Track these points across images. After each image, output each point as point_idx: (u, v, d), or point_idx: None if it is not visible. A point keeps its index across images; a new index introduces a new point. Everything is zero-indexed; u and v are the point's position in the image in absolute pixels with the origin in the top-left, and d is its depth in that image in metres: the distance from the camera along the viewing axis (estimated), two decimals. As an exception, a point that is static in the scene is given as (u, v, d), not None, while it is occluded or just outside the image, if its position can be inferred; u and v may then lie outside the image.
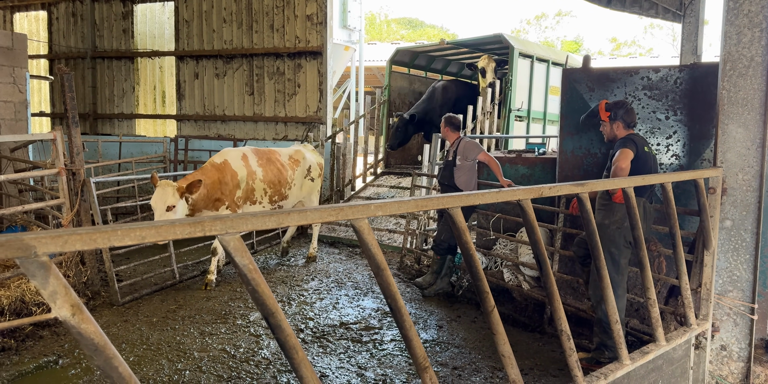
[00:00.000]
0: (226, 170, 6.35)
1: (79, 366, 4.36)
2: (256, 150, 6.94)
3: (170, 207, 5.62)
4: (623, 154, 4.26)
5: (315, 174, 7.72)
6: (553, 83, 12.36)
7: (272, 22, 11.86)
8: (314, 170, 7.71)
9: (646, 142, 4.45)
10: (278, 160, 7.08)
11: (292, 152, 7.54)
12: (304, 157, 7.58)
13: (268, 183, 6.81)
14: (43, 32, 14.44)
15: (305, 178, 7.53)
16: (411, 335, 2.10)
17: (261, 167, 6.73)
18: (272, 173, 6.86)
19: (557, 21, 44.61)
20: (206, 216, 1.57)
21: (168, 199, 5.61)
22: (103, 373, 1.36)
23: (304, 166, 7.51)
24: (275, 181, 6.89)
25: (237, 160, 6.55)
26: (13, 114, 8.84)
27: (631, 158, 4.23)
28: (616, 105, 4.52)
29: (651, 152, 4.41)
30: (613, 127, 4.51)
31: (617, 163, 4.24)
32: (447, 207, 2.22)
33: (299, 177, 7.38)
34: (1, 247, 1.19)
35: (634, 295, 4.83)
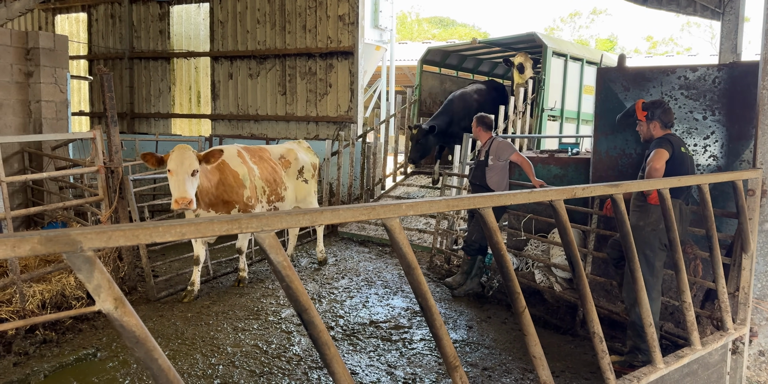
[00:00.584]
0: (225, 170, 5.83)
1: (116, 359, 4.48)
2: (246, 147, 6.45)
3: (195, 171, 5.17)
4: (658, 154, 4.19)
5: (308, 175, 7.11)
6: (587, 82, 12.18)
7: (305, 22, 11.96)
8: (307, 171, 7.10)
9: (683, 143, 4.38)
10: (270, 159, 6.59)
11: (283, 151, 6.94)
12: (296, 157, 6.97)
13: (266, 181, 6.35)
14: (83, 33, 14.83)
15: (297, 179, 6.93)
16: (441, 334, 2.11)
17: (256, 164, 6.27)
18: (267, 171, 6.39)
19: (592, 19, 43.98)
20: (243, 214, 1.60)
21: (192, 162, 5.14)
22: (144, 365, 1.41)
23: (295, 167, 6.92)
24: (271, 179, 6.41)
25: (234, 158, 6.05)
26: (55, 113, 9.10)
27: (666, 159, 4.17)
28: (654, 104, 4.45)
29: (688, 153, 4.33)
30: (649, 126, 4.44)
31: (651, 163, 4.18)
32: (478, 207, 2.22)
33: (291, 178, 6.84)
34: (50, 241, 1.25)
35: (669, 298, 4.75)
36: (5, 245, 1.19)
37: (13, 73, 8.66)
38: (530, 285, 5.87)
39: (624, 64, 5.33)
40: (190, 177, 5.11)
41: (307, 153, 7.32)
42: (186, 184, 5.05)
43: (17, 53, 8.67)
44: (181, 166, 5.09)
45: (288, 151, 6.97)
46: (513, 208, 6.36)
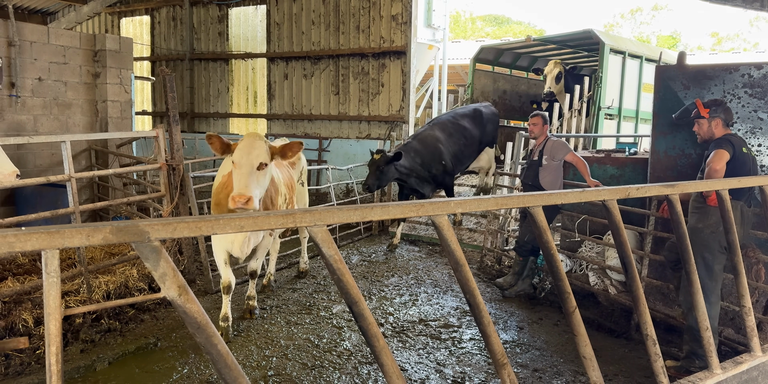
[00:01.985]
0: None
1: (175, 348, 4.67)
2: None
3: (263, 165, 4.35)
4: (718, 155, 4.06)
5: (304, 177, 6.53)
6: (646, 80, 11.83)
7: (358, 23, 12.08)
8: (304, 172, 6.53)
9: (745, 143, 4.22)
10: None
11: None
12: (299, 157, 6.32)
13: (287, 187, 5.51)
14: (146, 36, 15.42)
15: (298, 181, 6.22)
16: (489, 331, 2.13)
17: (278, 167, 5.30)
18: (286, 175, 5.54)
19: (653, 15, 42.54)
20: (297, 209, 1.67)
21: (261, 154, 4.33)
22: (204, 350, 1.49)
23: (299, 168, 6.28)
24: (289, 184, 5.61)
25: None
26: (120, 112, 9.53)
27: (727, 159, 4.03)
28: (715, 102, 4.34)
29: (750, 154, 4.18)
30: (711, 124, 4.31)
31: (711, 164, 4.05)
32: (528, 205, 2.23)
33: (298, 181, 6.21)
34: (120, 231, 1.34)
35: (729, 303, 4.59)
36: (81, 234, 1.29)
37: (81, 74, 9.12)
38: (584, 287, 5.77)
39: (684, 62, 5.17)
40: (256, 171, 4.31)
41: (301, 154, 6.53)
42: (249, 178, 4.25)
43: (86, 55, 9.12)
44: (247, 157, 4.29)
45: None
46: (567, 209, 6.26)
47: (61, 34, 8.84)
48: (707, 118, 4.32)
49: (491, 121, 9.24)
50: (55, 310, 1.26)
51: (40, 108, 8.60)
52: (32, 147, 8.43)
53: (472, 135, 8.83)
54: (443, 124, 8.67)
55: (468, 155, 8.86)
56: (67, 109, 8.93)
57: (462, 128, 8.74)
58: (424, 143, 8.25)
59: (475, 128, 8.91)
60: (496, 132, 9.42)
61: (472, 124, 8.88)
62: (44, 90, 8.61)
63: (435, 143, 8.29)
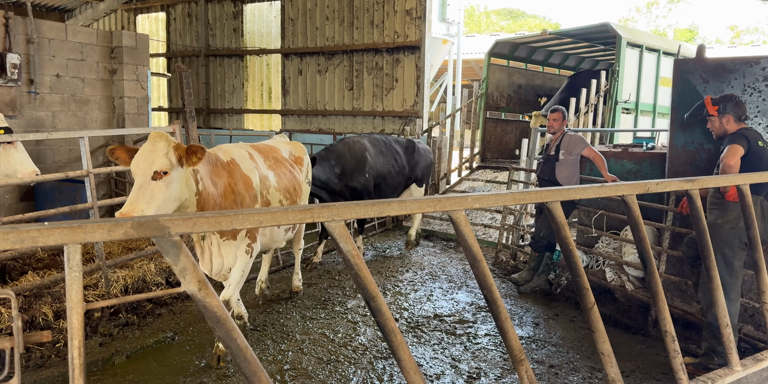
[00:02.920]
0: (235, 173, 4.24)
1: (192, 342, 4.72)
2: (256, 147, 4.86)
3: (159, 173, 3.46)
4: (731, 150, 4.03)
5: (310, 176, 5.64)
6: (663, 74, 11.70)
7: (372, 18, 12.06)
8: (309, 170, 5.62)
9: (761, 136, 4.18)
10: (284, 159, 5.07)
11: (290, 146, 5.41)
12: (305, 152, 5.55)
13: (285, 192, 4.83)
14: (161, 32, 15.52)
15: (305, 181, 5.39)
16: (506, 327, 2.12)
17: (271, 170, 4.72)
18: (286, 178, 4.86)
19: (669, 9, 42.01)
20: (315, 205, 1.66)
21: (158, 160, 3.47)
22: (224, 344, 1.50)
23: (304, 165, 5.44)
24: (291, 188, 4.89)
25: (246, 160, 4.45)
26: (136, 108, 9.61)
27: (741, 154, 4.00)
28: (724, 98, 4.31)
29: (766, 146, 4.13)
30: (722, 121, 4.26)
31: (725, 160, 4.03)
32: (546, 201, 2.21)
33: (304, 181, 5.33)
34: (141, 226, 1.35)
35: (749, 299, 4.53)
36: (102, 229, 1.30)
37: (98, 70, 9.20)
38: (601, 283, 5.73)
39: (703, 55, 5.10)
40: (152, 182, 3.44)
41: (303, 149, 5.64)
42: (140, 191, 3.42)
43: (103, 52, 9.20)
44: (138, 165, 3.48)
45: (295, 145, 5.51)
46: (583, 205, 6.21)
47: (78, 31, 8.92)
48: (717, 116, 4.27)
49: (424, 157, 8.17)
50: (77, 304, 1.28)
51: (58, 104, 8.69)
52: (51, 143, 8.53)
53: (402, 164, 7.73)
54: (375, 139, 7.59)
55: (393, 185, 7.58)
56: (85, 106, 9.02)
57: (394, 151, 7.66)
58: (350, 149, 7.05)
59: (405, 159, 7.82)
60: (427, 170, 8.34)
61: (404, 154, 7.83)
62: (62, 86, 8.70)
63: (362, 152, 7.11)
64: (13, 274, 5.82)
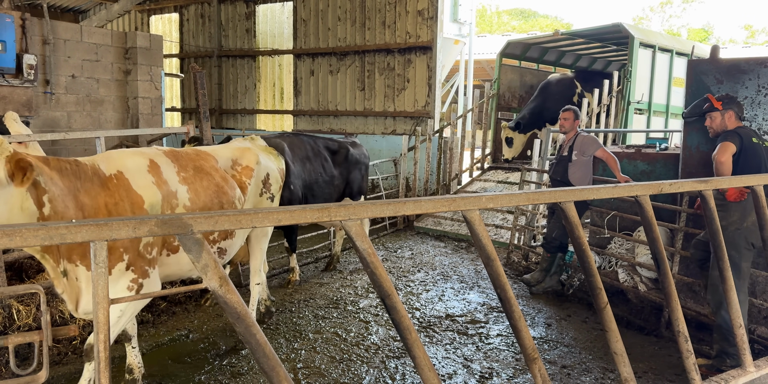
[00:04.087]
0: (118, 191, 3.39)
1: (207, 340, 4.77)
2: (173, 152, 3.92)
3: None
4: (723, 147, 4.16)
5: (275, 188, 4.69)
6: (677, 74, 11.63)
7: (384, 18, 12.09)
8: (275, 182, 4.67)
9: (756, 134, 4.31)
10: (215, 169, 4.08)
11: (237, 153, 4.43)
12: (258, 160, 4.49)
13: (203, 210, 3.89)
14: (175, 33, 15.64)
15: (262, 195, 4.55)
16: (520, 326, 2.14)
17: (185, 183, 3.77)
18: (207, 193, 3.89)
19: (683, 8, 41.72)
20: (332, 204, 1.69)
21: None
22: (243, 339, 1.53)
23: (258, 176, 4.48)
24: (214, 204, 3.94)
25: (141, 173, 3.56)
26: (150, 109, 9.71)
27: (733, 151, 4.12)
28: (727, 96, 4.44)
29: (763, 143, 4.17)
30: (725, 117, 4.37)
31: (716, 156, 4.16)
32: (560, 201, 2.23)
33: (253, 195, 4.43)
34: (165, 224, 1.38)
35: (763, 301, 4.51)
36: (128, 226, 1.34)
37: (113, 71, 9.31)
38: (613, 284, 5.72)
39: (717, 56, 5.08)
40: None
41: (268, 154, 4.81)
42: None
43: (117, 53, 9.31)
44: None
45: (244, 152, 4.48)
46: (596, 205, 6.20)
47: (93, 32, 9.03)
48: (721, 111, 4.33)
49: (358, 165, 6.89)
50: (103, 299, 1.31)
51: (73, 104, 8.80)
52: (66, 143, 8.64)
53: (331, 173, 6.47)
54: (300, 140, 6.29)
55: (322, 198, 6.34)
56: (100, 106, 9.13)
57: (323, 157, 6.42)
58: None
59: (336, 167, 6.57)
60: (362, 182, 7.03)
61: (333, 161, 6.55)
62: (77, 87, 8.81)
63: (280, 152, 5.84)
64: (30, 272, 5.90)
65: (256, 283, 5.00)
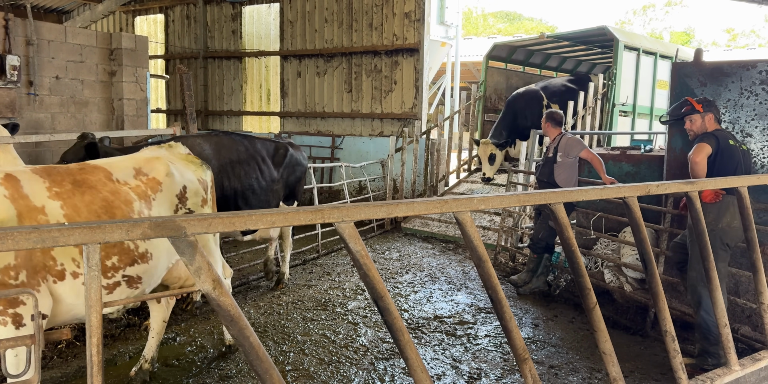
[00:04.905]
0: None
1: (194, 344, 4.74)
2: (45, 169, 3.38)
3: None
4: (698, 148, 4.23)
5: (195, 202, 3.97)
6: (660, 77, 11.77)
7: (371, 20, 12.10)
8: (193, 195, 3.96)
9: (733, 136, 4.39)
10: (103, 183, 3.46)
11: (141, 164, 3.77)
12: (169, 171, 3.81)
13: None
14: (160, 34, 15.52)
15: (177, 211, 3.84)
16: (511, 326, 2.15)
17: (59, 198, 3.24)
18: (91, 208, 3.31)
19: (666, 11, 42.16)
20: (325, 205, 1.70)
21: None
22: (236, 342, 1.53)
23: (171, 189, 3.80)
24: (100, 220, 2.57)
25: None
26: (135, 110, 9.62)
27: (708, 152, 4.22)
28: (706, 100, 4.51)
29: (740, 146, 4.29)
30: (705, 119, 4.45)
31: (691, 157, 4.27)
32: (549, 202, 2.25)
33: (165, 210, 3.75)
34: (158, 226, 1.38)
35: (747, 300, 4.58)
36: (121, 229, 1.33)
37: (98, 72, 9.22)
38: (599, 284, 5.77)
39: (701, 59, 5.15)
40: None
41: (189, 163, 4.11)
42: None
43: (102, 54, 9.22)
44: None
45: (150, 162, 3.82)
46: (582, 206, 6.25)
47: (77, 32, 8.94)
48: (701, 113, 4.40)
49: (298, 167, 6.21)
50: (96, 303, 1.31)
51: (57, 106, 8.71)
52: (50, 145, 8.54)
53: (271, 176, 5.77)
54: (231, 140, 5.58)
55: (257, 205, 5.61)
56: (84, 107, 9.04)
57: (259, 158, 5.70)
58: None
59: (276, 170, 5.89)
60: (298, 186, 6.32)
61: (273, 162, 5.88)
62: (61, 88, 8.71)
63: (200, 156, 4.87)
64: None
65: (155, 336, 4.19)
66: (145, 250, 3.50)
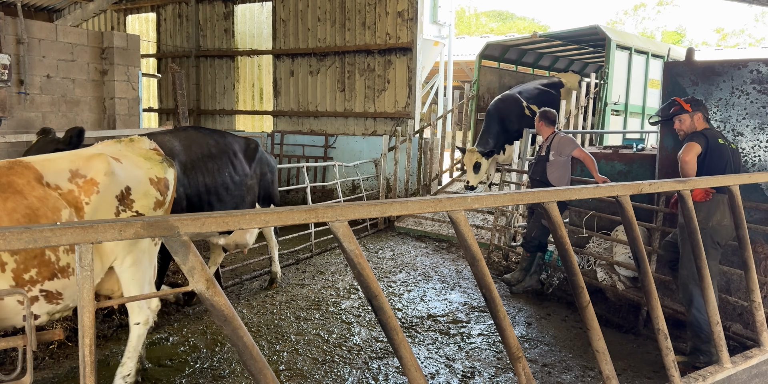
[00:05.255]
0: None
1: (187, 344, 4.72)
2: None
3: None
4: (688, 147, 4.25)
5: (143, 205, 3.56)
6: (652, 76, 11.83)
7: (364, 19, 12.09)
8: (143, 196, 3.57)
9: (721, 135, 4.42)
10: (31, 187, 3.09)
11: (79, 163, 3.35)
12: (108, 170, 3.36)
13: None
14: (152, 33, 15.45)
15: (119, 215, 3.45)
16: (505, 325, 2.16)
17: None
18: (11, 218, 2.95)
19: (658, 11, 42.35)
20: (319, 204, 1.69)
21: None
22: (230, 342, 1.52)
23: (110, 190, 3.37)
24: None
25: None
26: (127, 109, 9.57)
27: (698, 152, 4.22)
28: (694, 99, 4.53)
29: (729, 145, 4.34)
30: (694, 118, 4.46)
31: (681, 156, 4.30)
32: (543, 201, 2.25)
33: (103, 215, 3.35)
34: (151, 226, 1.37)
35: (738, 298, 4.61)
36: (113, 229, 1.33)
37: (89, 71, 9.16)
38: (592, 283, 5.79)
39: (693, 58, 5.18)
40: None
41: (141, 162, 3.70)
42: None
43: (93, 52, 9.16)
44: None
45: (90, 160, 3.38)
46: (574, 205, 6.28)
47: (68, 31, 8.88)
48: (690, 113, 4.42)
49: (270, 166, 5.93)
50: (89, 303, 1.30)
51: (48, 105, 8.65)
52: (41, 144, 8.48)
53: (244, 172, 5.41)
54: (200, 135, 5.23)
55: (231, 204, 5.29)
56: (75, 106, 8.98)
57: (230, 153, 5.35)
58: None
59: (249, 166, 5.54)
60: (272, 188, 6.00)
61: (245, 158, 5.53)
62: (52, 87, 8.65)
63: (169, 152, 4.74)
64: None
65: (135, 323, 3.78)
66: (66, 264, 3.16)
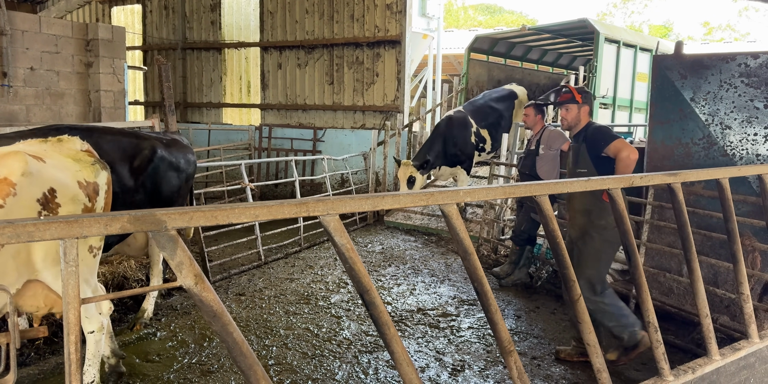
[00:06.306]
0: None
1: (175, 339, 4.68)
2: None
3: None
4: (623, 143, 4.10)
5: (74, 209, 3.30)
6: (640, 69, 11.86)
7: (352, 12, 12.01)
8: (68, 201, 3.26)
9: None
10: None
11: None
12: (24, 170, 3.01)
13: None
14: (137, 25, 15.26)
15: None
16: (496, 319, 2.15)
17: None
18: None
19: (645, 5, 42.53)
20: (309, 198, 1.67)
21: None
22: (220, 338, 1.50)
23: (28, 193, 3.03)
24: None
25: None
26: (113, 102, 9.45)
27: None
28: (585, 90, 4.37)
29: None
30: (581, 110, 4.31)
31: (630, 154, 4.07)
32: (535, 194, 2.24)
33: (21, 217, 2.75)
34: (138, 220, 1.34)
35: (725, 290, 4.64)
36: (99, 223, 1.29)
37: (74, 63, 9.02)
38: (579, 275, 5.82)
39: (681, 52, 5.19)
40: None
41: (69, 163, 3.39)
42: None
43: (78, 44, 9.02)
44: None
45: (4, 158, 3.04)
46: (563, 199, 6.28)
47: (53, 23, 8.74)
48: (579, 104, 4.30)
49: (175, 175, 4.98)
50: (74, 299, 1.26)
51: (32, 98, 8.52)
52: (25, 137, 8.35)
53: (122, 187, 4.37)
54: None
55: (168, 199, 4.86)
56: (60, 99, 8.85)
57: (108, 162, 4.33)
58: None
59: (129, 178, 4.49)
60: (181, 193, 5.14)
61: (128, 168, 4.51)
62: (36, 80, 8.52)
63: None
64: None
65: (90, 332, 3.59)
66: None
